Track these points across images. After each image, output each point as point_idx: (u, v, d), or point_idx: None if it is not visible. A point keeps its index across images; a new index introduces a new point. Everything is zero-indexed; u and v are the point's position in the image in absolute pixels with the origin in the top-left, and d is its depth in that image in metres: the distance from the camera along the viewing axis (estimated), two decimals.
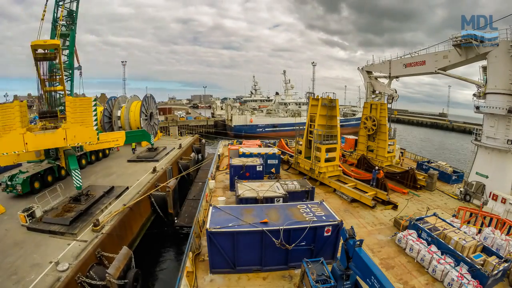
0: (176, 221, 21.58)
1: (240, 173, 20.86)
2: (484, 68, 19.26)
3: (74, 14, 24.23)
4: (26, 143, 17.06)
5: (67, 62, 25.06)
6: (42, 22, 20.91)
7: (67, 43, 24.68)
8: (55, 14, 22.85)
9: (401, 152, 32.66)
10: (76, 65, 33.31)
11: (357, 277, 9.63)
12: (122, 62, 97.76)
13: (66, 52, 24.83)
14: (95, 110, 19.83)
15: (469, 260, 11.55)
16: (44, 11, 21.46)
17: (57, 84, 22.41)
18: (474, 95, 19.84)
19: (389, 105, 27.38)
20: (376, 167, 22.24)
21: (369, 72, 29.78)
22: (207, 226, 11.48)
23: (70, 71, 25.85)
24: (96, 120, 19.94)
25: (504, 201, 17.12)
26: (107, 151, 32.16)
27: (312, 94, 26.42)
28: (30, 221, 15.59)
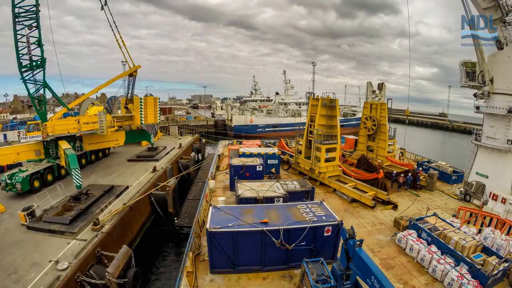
0: (176, 221, 21.57)
1: (240, 173, 20.84)
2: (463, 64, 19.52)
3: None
4: None
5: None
6: None
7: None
8: None
9: (401, 152, 32.65)
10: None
11: (357, 277, 9.63)
12: (122, 62, 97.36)
13: None
14: None
15: (469, 260, 11.54)
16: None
17: None
18: (474, 95, 19.84)
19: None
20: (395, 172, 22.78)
21: None
22: (207, 226, 11.47)
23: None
24: None
25: (504, 201, 17.12)
26: (107, 151, 32.16)
27: (312, 94, 26.42)
28: (30, 220, 15.59)
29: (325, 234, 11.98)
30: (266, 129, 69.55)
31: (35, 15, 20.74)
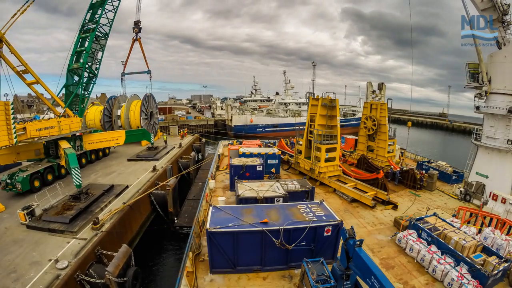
0: (176, 221, 21.54)
1: (240, 173, 20.83)
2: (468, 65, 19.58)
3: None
4: None
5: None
6: None
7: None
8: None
9: (401, 152, 32.63)
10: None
11: (357, 277, 9.62)
12: (122, 61, 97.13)
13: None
14: None
15: (469, 260, 11.53)
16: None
17: None
18: (475, 96, 19.85)
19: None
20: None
21: None
22: (207, 226, 11.46)
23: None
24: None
25: (504, 201, 17.10)
26: (107, 150, 32.16)
27: (312, 94, 26.41)
28: (30, 219, 15.56)
29: (325, 234, 11.97)
30: (266, 129, 69.49)
31: (105, 39, 27.00)
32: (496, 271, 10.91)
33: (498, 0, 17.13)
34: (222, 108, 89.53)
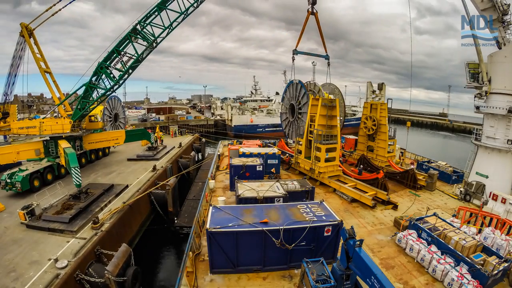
0: (176, 221, 21.54)
1: (240, 173, 20.82)
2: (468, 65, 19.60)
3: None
4: None
5: None
6: None
7: None
8: None
9: (401, 152, 32.62)
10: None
11: (357, 277, 9.61)
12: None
13: None
14: None
15: (469, 260, 11.52)
16: None
17: None
18: (475, 96, 19.85)
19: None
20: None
21: None
22: (207, 226, 11.44)
23: None
24: None
25: (504, 201, 17.09)
26: (107, 150, 32.17)
27: (313, 93, 26.35)
28: (30, 218, 15.56)
29: (325, 234, 11.96)
30: (266, 129, 69.41)
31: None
32: (496, 271, 10.91)
33: (498, 0, 17.16)
34: (222, 108, 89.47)
